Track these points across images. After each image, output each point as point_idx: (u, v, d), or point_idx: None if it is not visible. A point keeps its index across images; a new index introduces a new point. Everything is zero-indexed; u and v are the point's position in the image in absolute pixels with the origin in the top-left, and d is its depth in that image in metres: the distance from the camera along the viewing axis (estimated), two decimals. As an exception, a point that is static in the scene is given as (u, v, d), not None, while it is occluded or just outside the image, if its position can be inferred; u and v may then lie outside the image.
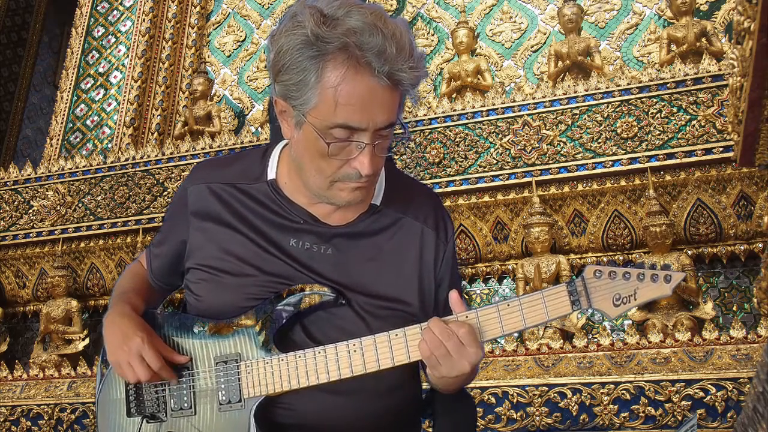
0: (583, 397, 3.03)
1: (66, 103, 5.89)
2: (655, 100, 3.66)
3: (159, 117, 5.67)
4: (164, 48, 5.92)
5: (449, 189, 3.89)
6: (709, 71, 3.63)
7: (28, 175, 5.05)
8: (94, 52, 6.06)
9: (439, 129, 4.03)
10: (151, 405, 1.36)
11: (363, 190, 1.29)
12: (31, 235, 4.85)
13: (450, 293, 1.29)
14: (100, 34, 6.13)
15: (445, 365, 1.23)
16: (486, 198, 3.87)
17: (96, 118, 5.76)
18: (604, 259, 3.76)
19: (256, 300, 1.33)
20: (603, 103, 3.76)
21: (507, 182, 3.82)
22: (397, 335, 1.27)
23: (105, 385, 1.44)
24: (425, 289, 1.39)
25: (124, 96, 5.71)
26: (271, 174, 1.40)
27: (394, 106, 1.23)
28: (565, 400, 3.04)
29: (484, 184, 3.85)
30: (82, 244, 4.72)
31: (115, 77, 5.88)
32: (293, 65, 1.20)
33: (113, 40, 6.04)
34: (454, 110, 4.05)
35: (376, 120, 1.21)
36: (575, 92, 3.84)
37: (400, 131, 1.30)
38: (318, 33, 1.17)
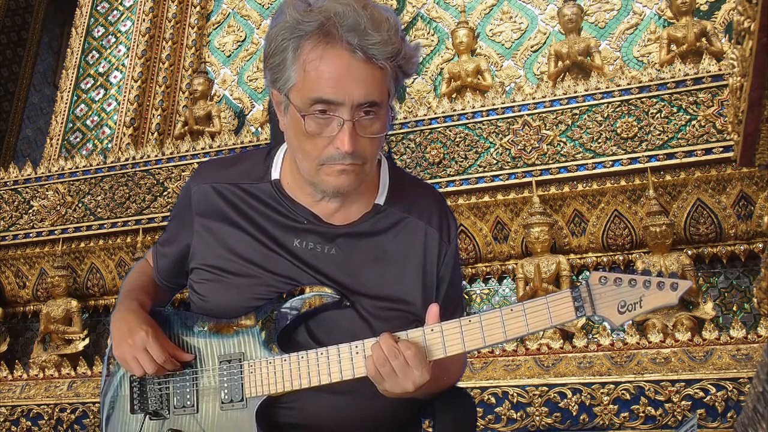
0: (583, 397, 3.03)
1: (66, 103, 5.89)
2: (655, 100, 3.66)
3: (159, 117, 5.67)
4: (164, 48, 5.92)
5: (449, 189, 3.89)
6: (709, 71, 3.63)
7: (28, 175, 5.05)
8: (94, 52, 6.06)
9: (439, 129, 4.03)
10: (155, 402, 1.36)
11: (350, 175, 1.27)
12: (31, 235, 4.85)
13: (430, 306, 1.27)
14: (100, 34, 6.13)
15: (389, 382, 1.23)
16: (486, 198, 3.87)
17: (96, 118, 5.76)
18: (604, 259, 3.76)
19: (262, 300, 1.33)
20: (603, 103, 3.76)
21: (507, 182, 3.82)
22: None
23: (109, 382, 1.44)
24: (428, 289, 1.39)
25: (124, 96, 5.70)
26: (274, 174, 1.41)
27: (373, 83, 1.23)
28: (565, 400, 3.05)
29: (484, 184, 3.86)
30: (82, 244, 4.72)
31: (115, 77, 5.88)
32: (277, 49, 1.26)
33: (113, 40, 6.04)
34: (454, 110, 4.05)
35: (353, 94, 1.21)
36: (575, 92, 3.84)
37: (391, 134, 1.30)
38: (297, 17, 1.23)
